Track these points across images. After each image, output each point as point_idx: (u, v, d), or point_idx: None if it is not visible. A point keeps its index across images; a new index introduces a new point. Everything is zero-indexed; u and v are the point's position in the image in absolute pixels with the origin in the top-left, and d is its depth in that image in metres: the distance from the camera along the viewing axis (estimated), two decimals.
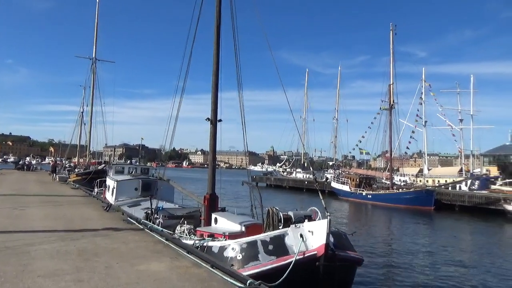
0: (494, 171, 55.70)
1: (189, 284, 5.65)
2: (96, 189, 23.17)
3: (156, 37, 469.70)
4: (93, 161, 46.29)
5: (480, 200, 36.18)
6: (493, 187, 40.90)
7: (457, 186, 45.36)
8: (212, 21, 12.54)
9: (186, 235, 10.47)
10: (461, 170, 57.63)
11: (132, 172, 21.94)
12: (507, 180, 45.37)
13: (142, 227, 10.59)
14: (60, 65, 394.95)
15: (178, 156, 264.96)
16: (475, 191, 40.82)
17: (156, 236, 9.44)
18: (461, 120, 59.84)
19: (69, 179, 31.36)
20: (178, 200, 17.84)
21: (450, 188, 43.76)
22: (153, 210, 12.54)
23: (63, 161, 54.29)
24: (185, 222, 11.55)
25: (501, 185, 41.76)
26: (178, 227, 11.22)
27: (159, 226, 11.09)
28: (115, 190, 17.96)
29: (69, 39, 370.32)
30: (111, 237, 9.09)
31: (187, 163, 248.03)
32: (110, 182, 19.60)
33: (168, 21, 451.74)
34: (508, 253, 18.54)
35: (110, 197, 18.59)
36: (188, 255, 7.45)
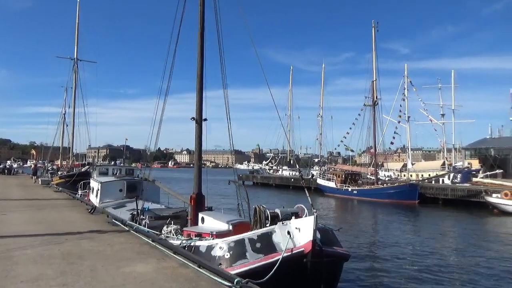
0: (475, 164, 56.80)
1: (176, 285, 5.61)
2: (80, 192, 22.83)
3: (139, 36, 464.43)
4: (77, 163, 45.64)
5: (462, 193, 36.96)
6: (474, 179, 41.76)
7: (440, 179, 46.24)
8: (196, 19, 12.47)
9: (173, 235, 10.41)
10: (443, 164, 58.72)
11: (116, 173, 21.68)
12: (488, 173, 46.46)
13: (127, 229, 10.47)
14: (41, 66, 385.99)
15: (163, 156, 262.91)
16: (457, 184, 41.68)
17: (142, 237, 9.35)
18: (443, 115, 61.00)
19: (52, 182, 30.80)
20: (164, 201, 17.72)
21: (433, 182, 44.56)
22: (138, 211, 12.44)
23: (45, 164, 53.29)
24: (172, 222, 11.48)
25: (482, 177, 42.67)
26: (164, 228, 11.16)
27: (145, 227, 10.99)
28: (99, 192, 17.73)
29: (50, 40, 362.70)
30: (96, 240, 8.97)
31: (172, 163, 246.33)
32: (94, 184, 19.33)
33: (151, 20, 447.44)
34: (490, 243, 18.99)
35: (94, 199, 18.35)
36: (175, 255, 7.40)
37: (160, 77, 13.43)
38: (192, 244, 9.18)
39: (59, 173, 39.72)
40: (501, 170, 45.37)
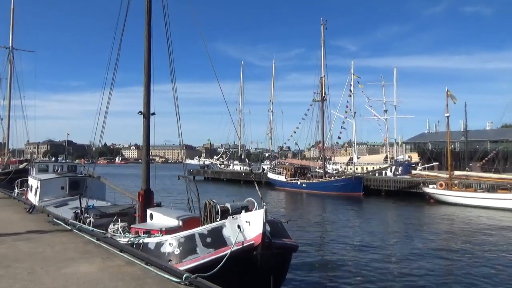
0: (415, 157, 60.69)
1: (122, 284, 5.44)
2: (16, 190, 21.41)
3: (83, 26, 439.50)
4: (13, 159, 42.68)
5: (403, 184, 39.33)
6: (413, 172, 44.54)
7: (383, 172, 48.84)
8: (143, 8, 12.05)
9: (120, 233, 10.08)
10: (386, 157, 62.09)
11: (57, 170, 20.49)
12: (426, 165, 49.78)
13: (70, 228, 9.97)
14: None
15: (110, 152, 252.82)
16: (398, 177, 44.26)
17: (86, 236, 8.95)
18: (386, 111, 64.28)
19: None
20: (110, 198, 17.08)
21: (377, 175, 46.95)
22: (82, 209, 11.90)
23: None
24: (119, 220, 11.09)
25: (420, 170, 45.63)
26: (111, 226, 10.76)
27: (89, 226, 10.54)
28: (38, 190, 16.68)
29: None
30: (35, 241, 8.45)
31: (120, 159, 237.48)
32: (32, 182, 18.16)
33: (96, 10, 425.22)
34: (426, 230, 20.42)
35: (33, 197, 17.25)
36: (121, 253, 7.16)
37: (105, 69, 12.84)
38: (141, 241, 8.95)
39: None
40: (437, 163, 48.73)
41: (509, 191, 29.89)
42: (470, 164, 42.38)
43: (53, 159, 26.09)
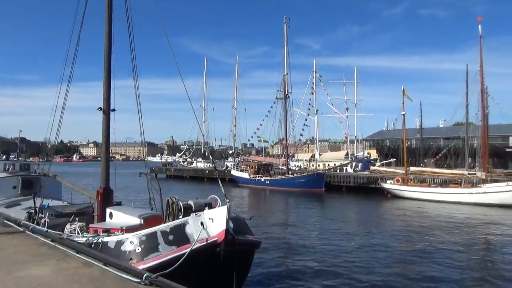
0: (373, 154, 62.78)
1: (78, 286, 5.23)
2: None
3: (38, 17, 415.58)
4: None
5: (362, 180, 40.62)
6: (372, 168, 46.09)
7: (344, 168, 50.16)
8: (104, 0, 11.61)
9: (78, 233, 9.70)
10: (347, 154, 63.77)
11: (9, 168, 19.35)
12: (384, 161, 51.68)
13: (22, 229, 9.47)
14: None
15: (67, 150, 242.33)
16: (358, 173, 45.65)
17: (40, 238, 8.53)
18: (347, 109, 65.93)
19: None
20: (67, 197, 16.41)
21: (338, 171, 48.17)
22: (36, 209, 11.34)
23: None
24: (76, 219, 10.66)
25: (379, 166, 47.29)
26: (67, 226, 10.35)
27: (44, 226, 10.06)
28: None
29: None
30: None
31: (77, 157, 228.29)
32: None
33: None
34: (383, 224, 21.27)
35: None
36: (78, 255, 6.89)
37: (62, 63, 12.27)
38: (100, 240, 8.67)
39: None
40: (394, 159, 50.69)
41: (460, 186, 31.67)
42: (425, 160, 44.47)
43: (4, 157, 24.66)
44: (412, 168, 37.72)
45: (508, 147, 51.32)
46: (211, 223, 7.75)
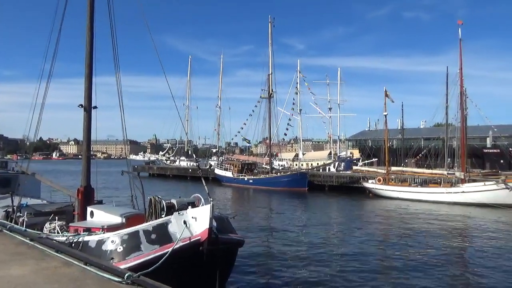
0: (356, 153, 63.57)
1: (58, 286, 5.13)
2: None
3: (18, 10, 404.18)
4: None
5: (345, 179, 41.07)
6: (355, 167, 46.62)
7: (327, 168, 50.61)
8: None
9: (58, 232, 9.54)
10: (330, 153, 64.31)
11: None
12: (366, 161, 52.37)
13: (0, 229, 9.22)
14: None
15: (46, 147, 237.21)
16: (341, 172, 46.13)
17: (18, 237, 8.33)
18: (330, 109, 66.46)
19: None
20: (46, 196, 16.05)
21: (321, 170, 48.57)
22: (14, 208, 11.09)
23: None
24: (56, 218, 10.46)
25: (361, 165, 47.90)
26: (47, 225, 10.16)
27: (23, 225, 9.84)
28: None
29: None
30: None
31: (57, 155, 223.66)
32: None
33: None
34: (364, 222, 21.58)
35: None
36: (58, 254, 6.76)
37: (42, 59, 12.02)
38: (80, 240, 8.55)
39: None
40: (376, 159, 51.39)
41: (440, 185, 32.37)
42: (406, 160, 45.24)
43: None
44: (394, 168, 38.34)
45: (485, 148, 52.63)
46: (194, 222, 7.74)
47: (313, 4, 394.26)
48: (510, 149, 39.90)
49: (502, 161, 44.51)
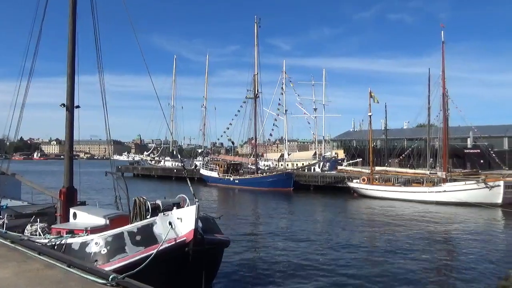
0: (341, 154, 64.14)
1: None
2: None
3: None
4: None
5: (330, 179, 41.41)
6: (339, 168, 47.04)
7: (312, 168, 50.93)
8: None
9: (39, 234, 9.36)
10: (315, 153, 64.77)
11: None
12: (351, 161, 52.92)
13: None
14: None
15: (27, 147, 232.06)
16: (326, 172, 46.50)
17: None
18: (315, 109, 66.89)
19: None
20: (27, 197, 15.70)
21: (306, 170, 48.86)
22: None
23: None
24: (37, 220, 10.26)
25: (346, 165, 48.37)
26: (28, 227, 9.97)
27: (3, 228, 9.63)
28: None
29: None
30: None
31: (38, 155, 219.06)
32: None
33: None
34: (349, 221, 21.85)
35: None
36: (40, 256, 6.63)
37: (23, 57, 11.79)
38: (63, 242, 8.41)
39: None
40: (361, 159, 51.99)
41: (422, 185, 32.96)
42: (389, 160, 45.91)
43: None
44: (377, 168, 38.83)
45: (466, 148, 53.79)
46: (179, 223, 7.70)
47: (300, 5, 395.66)
48: (490, 149, 40.93)
49: (482, 161, 45.54)
